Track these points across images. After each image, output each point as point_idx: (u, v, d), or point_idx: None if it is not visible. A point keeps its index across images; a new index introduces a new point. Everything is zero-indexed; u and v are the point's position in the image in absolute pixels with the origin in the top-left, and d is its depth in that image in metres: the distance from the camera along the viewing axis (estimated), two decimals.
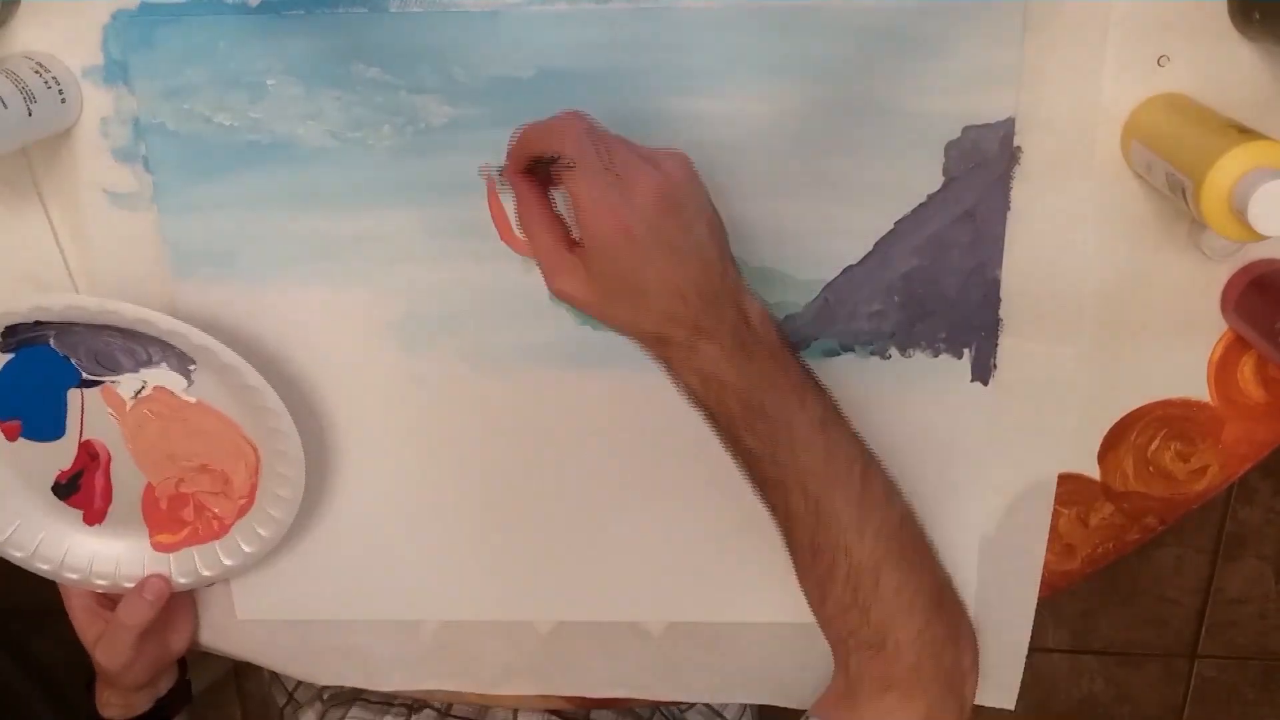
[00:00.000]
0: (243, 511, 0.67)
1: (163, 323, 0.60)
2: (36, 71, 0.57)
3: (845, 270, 0.62)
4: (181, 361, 0.63)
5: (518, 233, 0.61)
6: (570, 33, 0.57)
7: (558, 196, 0.57)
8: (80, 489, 0.68)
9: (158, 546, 0.69)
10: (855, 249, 0.61)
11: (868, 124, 0.58)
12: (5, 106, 0.54)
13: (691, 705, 0.86)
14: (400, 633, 0.73)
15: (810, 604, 0.60)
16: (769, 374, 0.55)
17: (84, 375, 0.64)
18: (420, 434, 0.67)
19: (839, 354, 0.63)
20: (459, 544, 0.70)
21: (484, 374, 0.65)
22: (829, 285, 0.62)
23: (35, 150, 0.61)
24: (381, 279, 0.63)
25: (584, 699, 0.76)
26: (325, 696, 0.84)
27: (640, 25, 0.57)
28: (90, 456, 0.67)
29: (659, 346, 0.55)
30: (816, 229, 0.61)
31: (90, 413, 0.66)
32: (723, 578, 0.69)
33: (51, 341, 0.63)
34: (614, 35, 0.57)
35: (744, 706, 0.88)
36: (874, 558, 0.57)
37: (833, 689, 0.61)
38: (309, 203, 0.62)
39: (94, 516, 0.69)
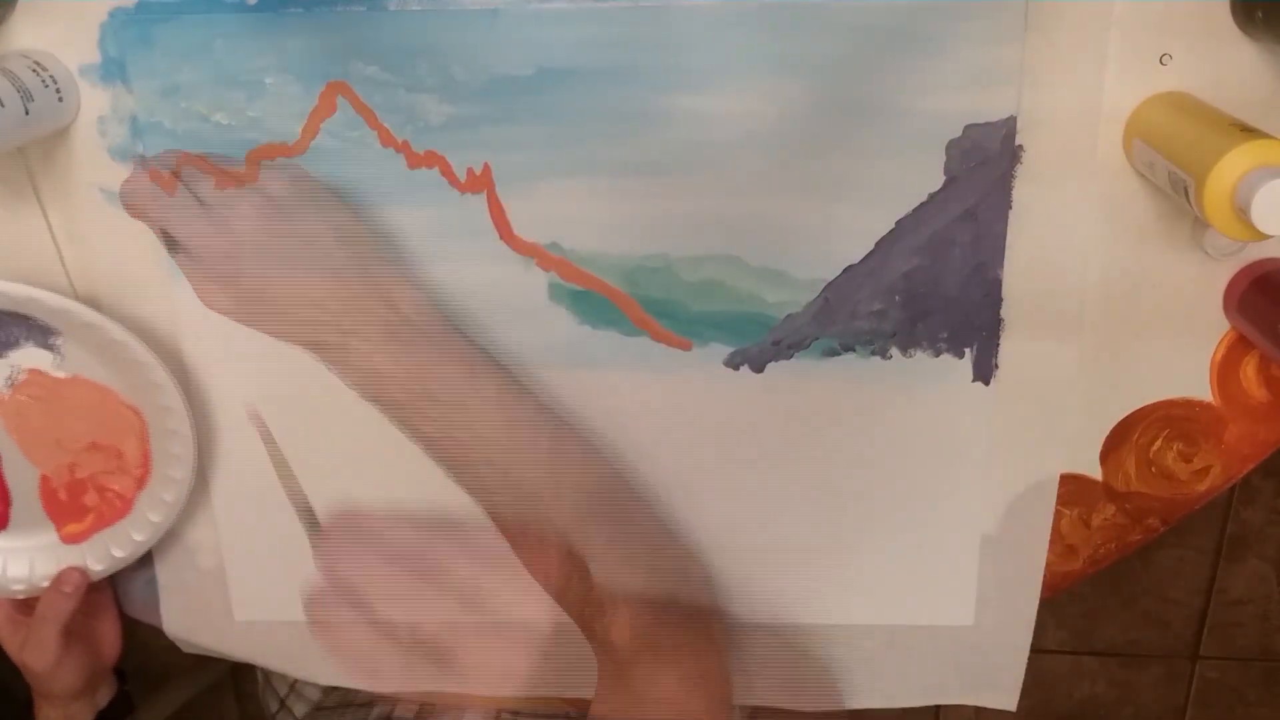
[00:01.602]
0: (142, 483, 0.67)
1: (16, 291, 0.59)
2: (34, 70, 0.57)
3: (846, 270, 0.61)
4: (45, 335, 0.63)
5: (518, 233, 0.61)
6: (570, 31, 0.57)
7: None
8: None
9: (67, 538, 0.68)
10: (856, 248, 0.61)
11: (868, 123, 0.58)
12: (2, 105, 0.54)
13: None
14: (400, 633, 0.73)
15: (548, 591, 0.62)
16: (429, 361, 0.58)
17: None
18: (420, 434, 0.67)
19: (839, 354, 0.63)
20: (459, 544, 0.70)
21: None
22: (829, 285, 0.62)
23: (32, 149, 0.61)
24: (381, 279, 0.63)
25: (584, 699, 0.76)
26: (314, 708, 0.84)
27: (640, 24, 0.57)
28: None
29: (318, 351, 0.59)
30: (816, 229, 0.61)
31: None
32: (721, 578, 0.69)
33: None
34: (614, 34, 0.57)
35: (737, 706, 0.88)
36: (578, 520, 0.59)
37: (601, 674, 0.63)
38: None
39: None
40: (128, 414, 0.65)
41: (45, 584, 0.68)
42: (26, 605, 0.70)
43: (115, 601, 0.73)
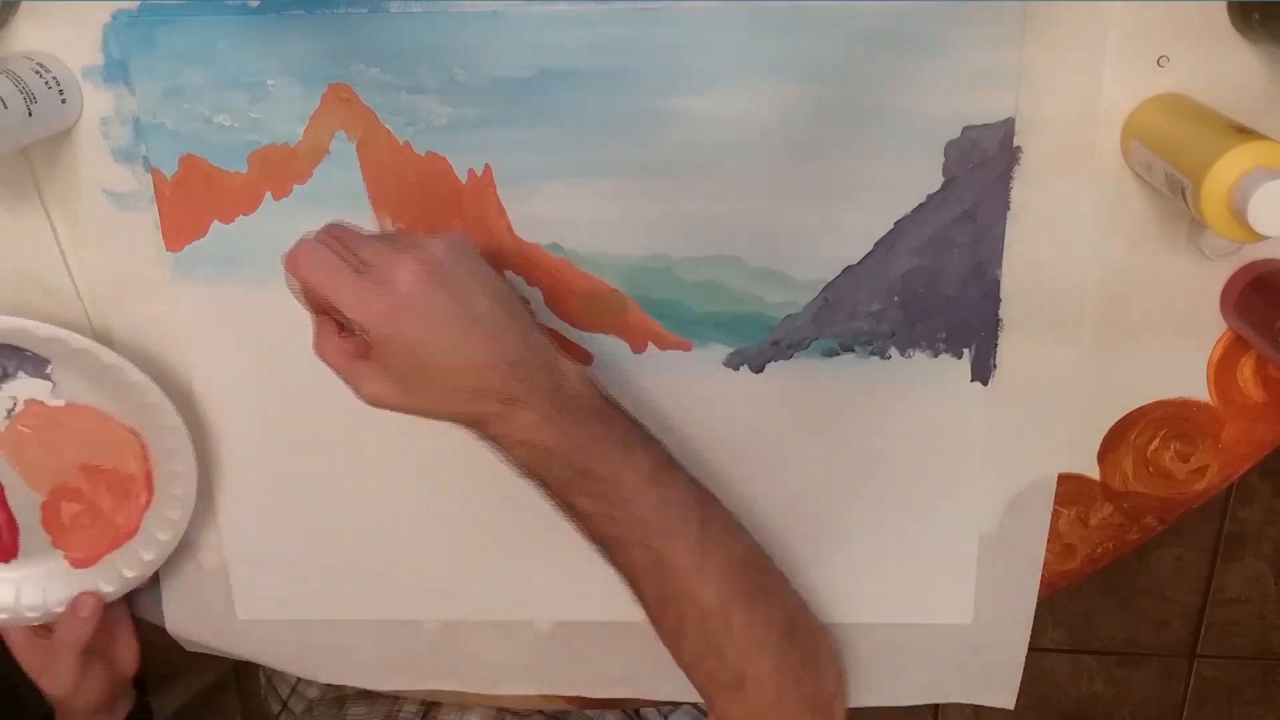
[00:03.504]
0: (147, 503, 0.67)
1: (4, 324, 0.60)
2: (37, 72, 0.57)
3: (845, 270, 0.62)
4: (38, 365, 0.63)
5: None
6: (570, 33, 0.57)
7: None
8: None
9: (76, 563, 0.69)
10: (855, 249, 0.61)
11: (868, 124, 0.58)
12: (6, 107, 0.54)
13: (679, 706, 0.86)
14: (400, 633, 0.73)
15: (672, 655, 0.60)
16: (592, 434, 0.55)
17: None
18: (420, 434, 0.67)
19: (839, 354, 0.63)
20: (459, 544, 0.70)
21: None
22: (829, 285, 0.62)
23: (35, 150, 0.61)
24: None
25: (584, 699, 0.76)
26: (316, 711, 0.84)
27: (640, 25, 0.57)
28: None
29: (478, 425, 0.55)
30: (816, 229, 0.61)
31: None
32: None
33: None
34: (614, 35, 0.57)
35: None
36: (720, 599, 0.57)
37: None
38: (309, 203, 0.62)
39: (5, 553, 0.68)
40: (127, 436, 0.65)
41: (59, 609, 0.68)
42: (45, 627, 0.70)
43: (130, 615, 0.73)
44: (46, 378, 0.63)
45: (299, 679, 0.87)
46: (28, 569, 0.69)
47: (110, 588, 0.69)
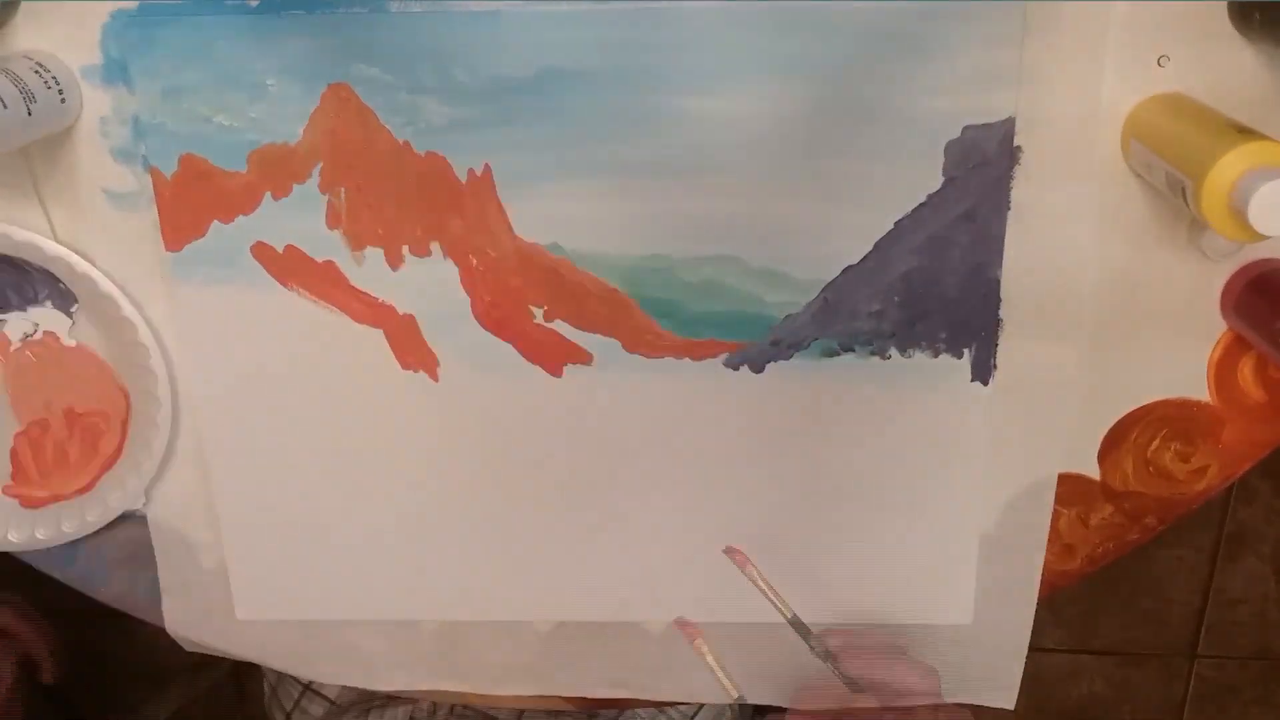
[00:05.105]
0: (110, 464, 0.68)
1: (48, 248, 0.61)
2: (36, 71, 0.57)
3: (845, 270, 0.62)
4: (65, 300, 0.64)
5: None
6: (570, 33, 0.57)
7: None
8: None
9: (26, 502, 0.69)
10: (855, 249, 0.61)
11: (868, 124, 0.58)
12: (4, 106, 0.54)
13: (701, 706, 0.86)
14: (400, 633, 0.73)
15: None
16: None
17: None
18: (420, 434, 0.67)
19: (839, 354, 0.63)
20: (459, 544, 0.70)
21: (484, 373, 0.65)
22: (829, 285, 0.62)
23: (34, 150, 0.61)
24: (381, 279, 0.63)
25: (584, 699, 0.76)
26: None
27: (640, 26, 0.57)
28: None
29: None
30: (816, 229, 0.61)
31: None
32: (723, 578, 0.69)
33: None
34: (614, 35, 0.57)
35: (737, 707, 0.88)
36: None
37: None
38: (309, 203, 0.62)
39: None
40: (117, 394, 0.66)
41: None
42: None
43: None
44: (69, 315, 0.65)
45: (303, 691, 0.87)
46: None
47: (43, 534, 0.69)
